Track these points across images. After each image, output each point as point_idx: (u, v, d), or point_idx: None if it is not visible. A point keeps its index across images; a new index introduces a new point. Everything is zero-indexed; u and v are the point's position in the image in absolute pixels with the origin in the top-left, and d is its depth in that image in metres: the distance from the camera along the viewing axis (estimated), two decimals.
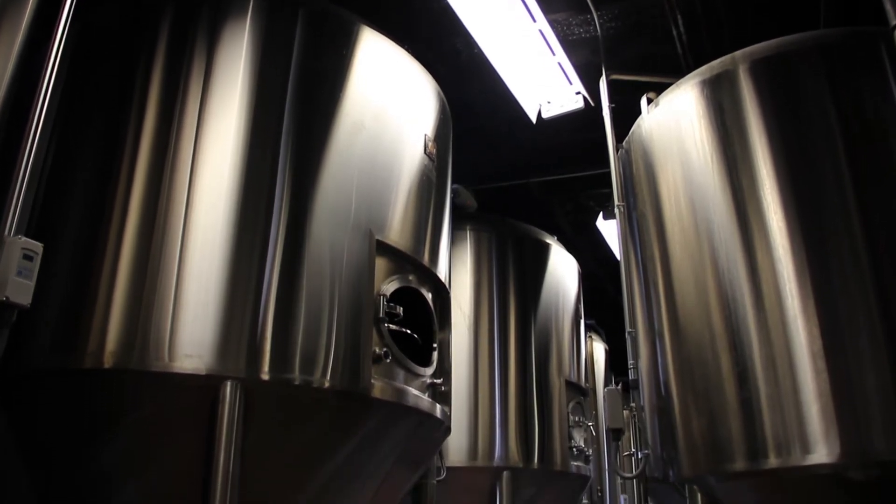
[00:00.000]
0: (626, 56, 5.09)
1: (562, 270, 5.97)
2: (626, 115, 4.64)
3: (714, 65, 3.94)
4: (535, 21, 4.43)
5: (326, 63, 3.34)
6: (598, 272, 7.99)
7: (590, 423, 5.70)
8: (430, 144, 3.72)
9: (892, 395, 3.01)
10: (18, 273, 2.39)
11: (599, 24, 4.95)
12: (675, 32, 4.80)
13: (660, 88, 4.34)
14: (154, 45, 3.17)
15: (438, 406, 3.41)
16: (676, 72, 4.46)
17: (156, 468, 2.72)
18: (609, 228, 6.93)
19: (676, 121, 4.04)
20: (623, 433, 4.27)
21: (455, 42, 5.12)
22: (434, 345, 3.54)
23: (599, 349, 8.61)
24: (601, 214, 6.93)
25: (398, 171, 3.45)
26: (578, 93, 5.08)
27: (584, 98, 5.09)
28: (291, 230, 2.95)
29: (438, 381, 3.49)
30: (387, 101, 3.50)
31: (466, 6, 4.35)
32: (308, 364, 2.80)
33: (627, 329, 4.33)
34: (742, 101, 3.73)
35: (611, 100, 4.91)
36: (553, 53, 4.70)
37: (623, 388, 4.45)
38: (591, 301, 6.87)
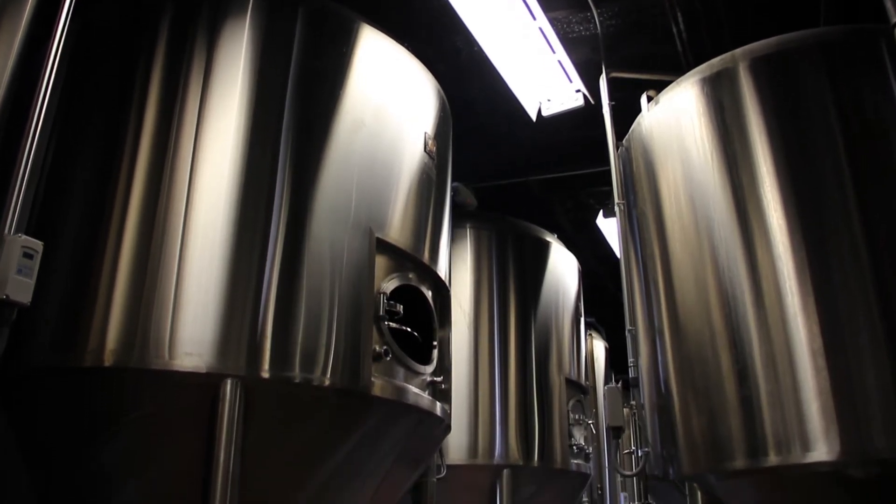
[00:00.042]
0: (627, 54, 5.09)
1: (562, 268, 5.96)
2: (627, 113, 4.64)
3: (714, 62, 3.94)
4: (535, 19, 4.43)
5: (326, 61, 3.34)
6: (599, 270, 7.99)
7: (590, 421, 5.70)
8: (430, 142, 3.72)
9: (893, 393, 3.01)
10: (18, 271, 2.38)
11: (599, 22, 4.95)
12: (676, 30, 4.80)
13: (660, 86, 4.34)
14: (154, 44, 3.17)
15: (438, 404, 3.41)
16: (676, 70, 4.46)
17: (156, 467, 2.72)
18: (609, 226, 6.93)
19: (676, 119, 4.04)
20: (623, 431, 4.28)
21: (455, 40, 5.12)
22: (434, 343, 3.54)
23: (599, 347, 8.62)
24: (601, 212, 6.93)
25: (398, 169, 3.44)
26: (578, 91, 5.08)
27: (584, 96, 5.09)
28: (291, 228, 2.95)
29: (438, 379, 3.49)
30: (387, 99, 3.50)
31: (466, 4, 4.34)
32: (308, 362, 2.79)
33: (627, 327, 4.33)
34: (742, 99, 3.72)
35: (611, 98, 4.91)
36: (553, 51, 4.70)
37: (623, 386, 4.46)
38: (592, 299, 6.87)
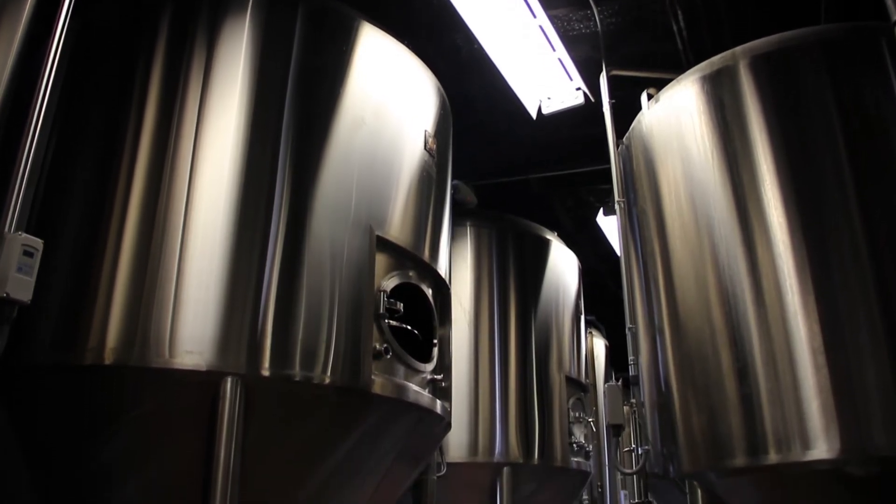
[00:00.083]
0: (627, 52, 5.09)
1: (562, 266, 5.96)
2: (627, 111, 4.64)
3: (714, 60, 3.93)
4: (536, 17, 4.43)
5: (326, 59, 3.33)
6: (599, 268, 7.99)
7: (590, 419, 5.70)
8: (431, 140, 3.72)
9: (893, 391, 3.01)
10: (19, 269, 2.38)
11: (600, 20, 4.95)
12: (676, 28, 4.80)
13: (660, 84, 4.33)
14: (154, 42, 3.16)
15: (439, 402, 3.41)
16: (677, 68, 4.45)
17: (156, 465, 2.72)
18: (609, 224, 6.93)
19: (677, 116, 4.04)
20: (623, 429, 4.28)
21: (455, 38, 5.12)
22: (434, 341, 3.54)
23: (600, 345, 8.62)
24: (601, 210, 6.93)
25: (398, 167, 3.44)
26: (578, 89, 5.08)
27: (585, 94, 5.09)
28: (291, 226, 2.95)
29: (439, 377, 3.49)
30: (387, 97, 3.50)
31: (466, 2, 4.34)
32: (308, 360, 2.80)
33: (628, 325, 4.33)
34: (742, 97, 3.72)
35: (611, 96, 4.91)
36: (553, 49, 4.69)
37: (623, 384, 4.46)
38: (592, 297, 6.87)
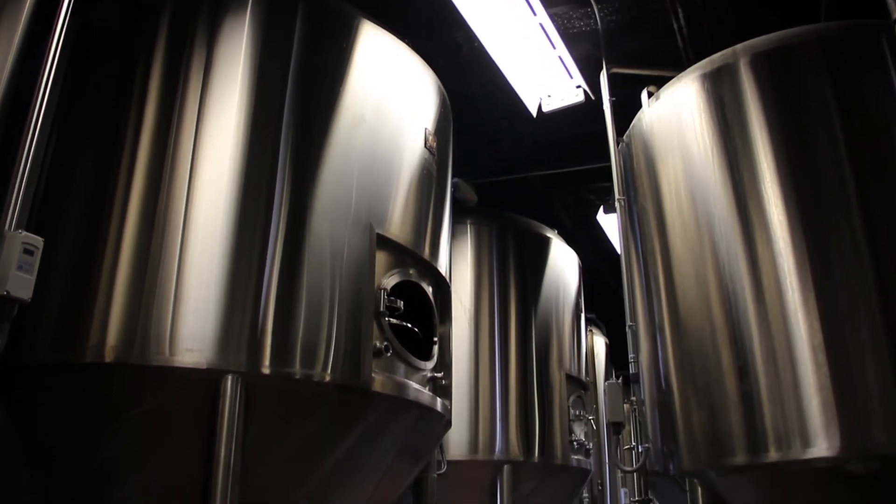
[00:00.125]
0: (627, 49, 5.09)
1: (562, 264, 5.96)
2: (627, 109, 4.63)
3: (715, 58, 3.93)
4: (536, 14, 4.42)
5: (326, 57, 3.33)
6: (599, 266, 7.99)
7: (590, 417, 5.70)
8: (431, 138, 3.72)
9: (893, 389, 3.01)
10: (19, 267, 2.38)
11: (600, 18, 4.94)
12: (676, 26, 4.79)
13: (660, 82, 4.33)
14: (153, 41, 3.16)
15: (439, 400, 3.41)
16: (677, 65, 4.45)
17: (156, 463, 2.72)
18: (610, 222, 6.93)
19: (677, 114, 4.04)
20: (623, 427, 4.28)
21: (455, 36, 5.11)
22: (434, 339, 3.54)
23: (600, 343, 8.62)
24: (602, 208, 6.93)
25: (398, 165, 3.44)
26: (579, 86, 5.07)
27: (585, 92, 5.08)
28: (292, 224, 2.95)
29: (439, 375, 3.50)
30: (387, 95, 3.50)
31: (466, 0, 4.34)
32: (309, 358, 2.80)
33: (628, 323, 4.33)
34: (743, 95, 3.72)
35: (611, 93, 4.90)
36: (553, 47, 4.69)
37: (623, 382, 4.46)
38: (592, 295, 6.87)
